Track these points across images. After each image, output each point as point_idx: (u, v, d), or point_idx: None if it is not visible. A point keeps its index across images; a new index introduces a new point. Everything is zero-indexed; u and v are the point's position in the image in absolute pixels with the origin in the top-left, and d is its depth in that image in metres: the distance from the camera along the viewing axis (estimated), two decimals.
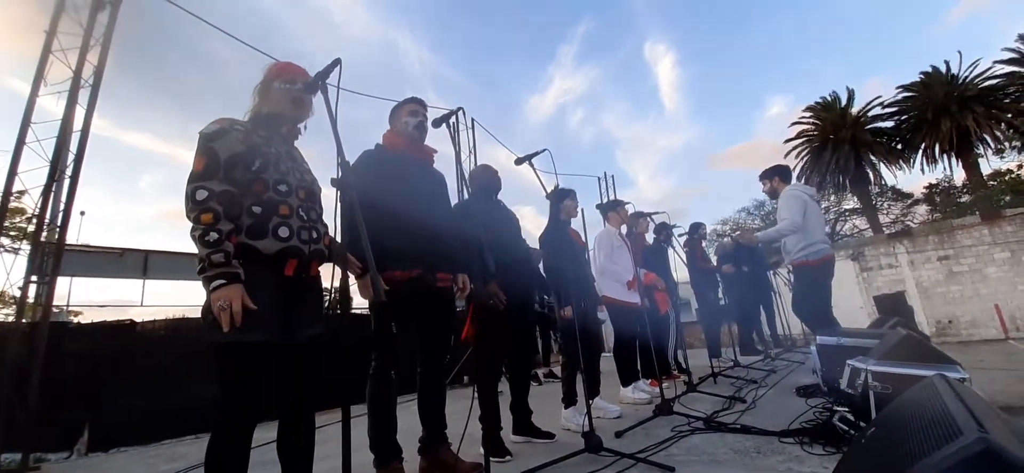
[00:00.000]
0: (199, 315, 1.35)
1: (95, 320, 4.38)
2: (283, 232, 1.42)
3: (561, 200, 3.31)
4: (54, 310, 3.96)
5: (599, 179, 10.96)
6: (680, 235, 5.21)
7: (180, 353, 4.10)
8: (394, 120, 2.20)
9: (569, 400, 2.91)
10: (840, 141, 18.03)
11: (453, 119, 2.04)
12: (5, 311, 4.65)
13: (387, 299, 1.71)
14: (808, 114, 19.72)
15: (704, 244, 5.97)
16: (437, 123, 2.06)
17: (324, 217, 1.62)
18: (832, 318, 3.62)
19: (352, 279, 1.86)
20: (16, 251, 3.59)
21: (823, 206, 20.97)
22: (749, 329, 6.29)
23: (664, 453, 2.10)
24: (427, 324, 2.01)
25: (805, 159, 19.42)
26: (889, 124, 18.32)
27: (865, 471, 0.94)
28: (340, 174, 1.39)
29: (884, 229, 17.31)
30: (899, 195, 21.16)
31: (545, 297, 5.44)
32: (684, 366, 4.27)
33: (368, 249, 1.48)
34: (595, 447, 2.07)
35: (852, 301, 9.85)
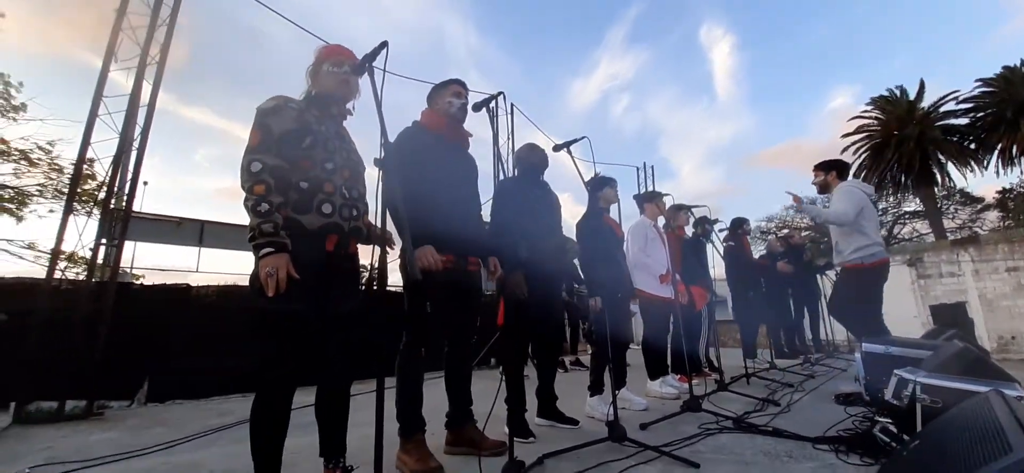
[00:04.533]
0: (247, 283, 1.44)
1: (155, 283, 4.72)
2: (326, 209, 1.50)
3: (600, 188, 3.27)
4: (120, 272, 4.32)
5: (638, 169, 10.70)
6: (721, 230, 5.00)
7: (230, 317, 4.37)
8: (436, 100, 2.21)
9: (595, 389, 2.91)
10: (905, 138, 16.69)
11: (493, 103, 2.05)
12: (76, 270, 5.08)
13: (421, 279, 1.77)
14: (871, 108, 18.35)
15: (748, 240, 5.73)
16: (477, 107, 2.07)
17: (366, 196, 1.69)
18: (882, 325, 3.41)
19: (390, 257, 1.92)
20: (88, 215, 3.90)
21: (881, 206, 19.58)
22: (791, 331, 6.03)
23: (689, 449, 2.07)
24: (456, 306, 2.05)
25: (864, 156, 18.11)
26: (963, 122, 16.79)
27: None
28: (383, 155, 1.44)
29: (948, 235, 16.01)
30: (968, 199, 19.47)
31: (576, 286, 5.42)
32: (716, 364, 4.16)
33: (406, 230, 1.53)
34: (619, 437, 2.07)
35: (905, 309, 9.23)
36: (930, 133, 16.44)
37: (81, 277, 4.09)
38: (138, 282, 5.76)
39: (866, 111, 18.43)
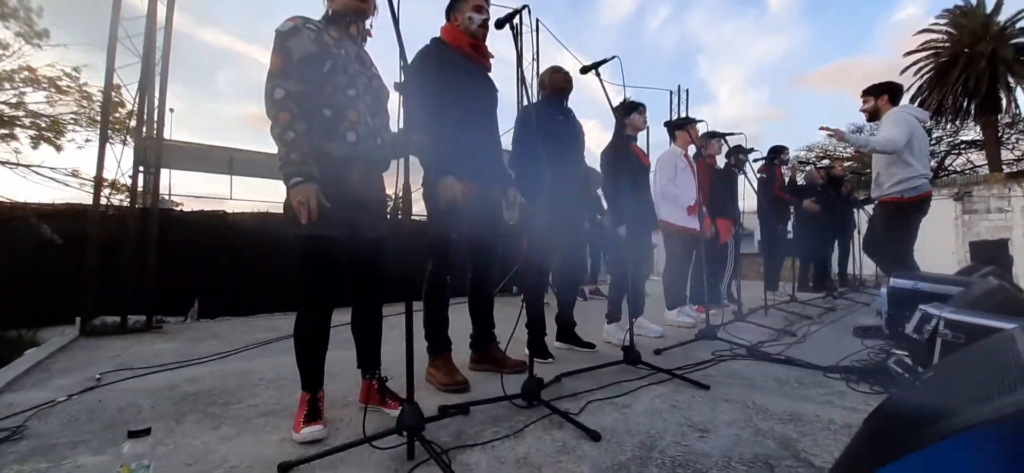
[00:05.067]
0: (281, 210, 1.50)
1: (194, 210, 4.96)
2: (351, 137, 1.50)
3: (627, 114, 3.15)
4: (161, 199, 4.54)
5: (671, 93, 10.03)
6: (755, 160, 4.77)
7: (266, 243, 4.60)
8: (454, 13, 2.10)
9: (613, 317, 3.00)
10: (976, 56, 14.96)
11: (516, 19, 1.93)
12: (119, 197, 5.36)
13: (444, 209, 1.79)
14: (941, 22, 16.37)
15: (783, 170, 5.49)
16: (499, 24, 1.96)
17: (390, 125, 1.68)
18: (911, 262, 3.31)
19: (414, 186, 1.95)
20: (123, 143, 4.03)
21: (935, 136, 18.11)
22: (819, 265, 5.93)
23: (701, 373, 2.15)
24: (479, 234, 2.10)
25: (928, 76, 16.43)
26: None
27: (910, 411, 0.92)
28: (403, 78, 1.40)
29: (1004, 168, 14.86)
30: None
31: (598, 216, 5.40)
32: (735, 297, 4.18)
33: (429, 156, 1.53)
34: (633, 360, 2.16)
35: (943, 245, 8.88)
36: (1002, 52, 14.71)
37: (125, 204, 4.32)
38: (178, 208, 6.07)
39: (935, 24, 16.48)
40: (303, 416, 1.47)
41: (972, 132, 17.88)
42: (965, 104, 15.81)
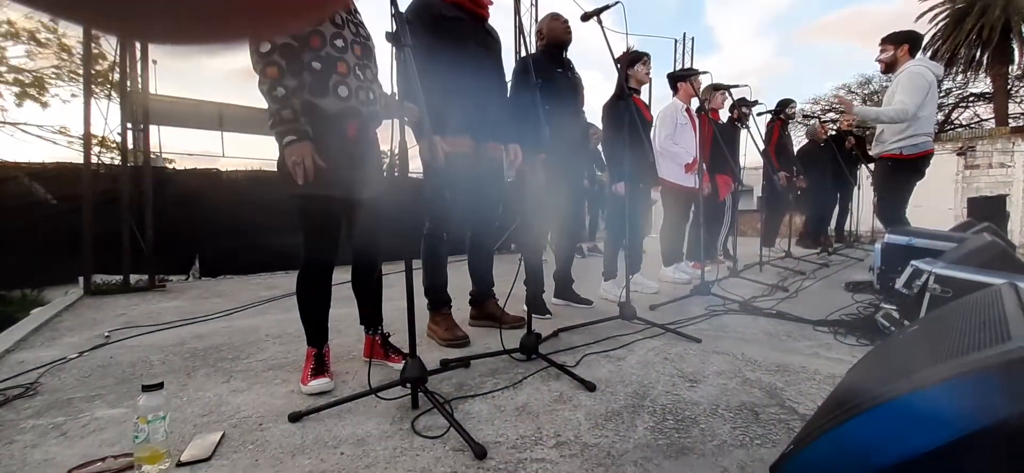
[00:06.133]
0: (275, 168, 1.48)
1: (186, 167, 4.90)
2: (342, 91, 1.46)
3: (630, 65, 3.06)
4: (152, 155, 4.47)
5: (676, 41, 9.66)
6: (759, 113, 4.67)
7: (262, 201, 4.58)
8: None
9: (609, 273, 3.05)
10: (991, 4, 14.40)
11: None
12: (110, 155, 5.28)
13: (438, 167, 1.77)
14: None
15: (789, 125, 5.40)
16: None
17: (379, 78, 1.63)
18: (903, 219, 3.33)
19: (410, 142, 1.92)
20: (108, 98, 3.92)
21: (945, 88, 17.68)
22: (816, 221, 5.96)
23: (694, 327, 2.22)
24: (476, 192, 2.09)
25: (942, 24, 15.83)
26: None
27: (894, 361, 0.96)
28: (395, 28, 1.35)
29: (1011, 121, 14.64)
30: None
31: (598, 173, 5.36)
32: (731, 253, 4.23)
33: (424, 112, 1.49)
34: (629, 315, 2.22)
35: (941, 202, 8.89)
36: (1018, 1, 14.15)
37: (117, 162, 4.26)
38: (171, 166, 5.99)
39: None
40: (310, 370, 1.52)
41: (982, 84, 17.47)
42: (978, 55, 15.34)
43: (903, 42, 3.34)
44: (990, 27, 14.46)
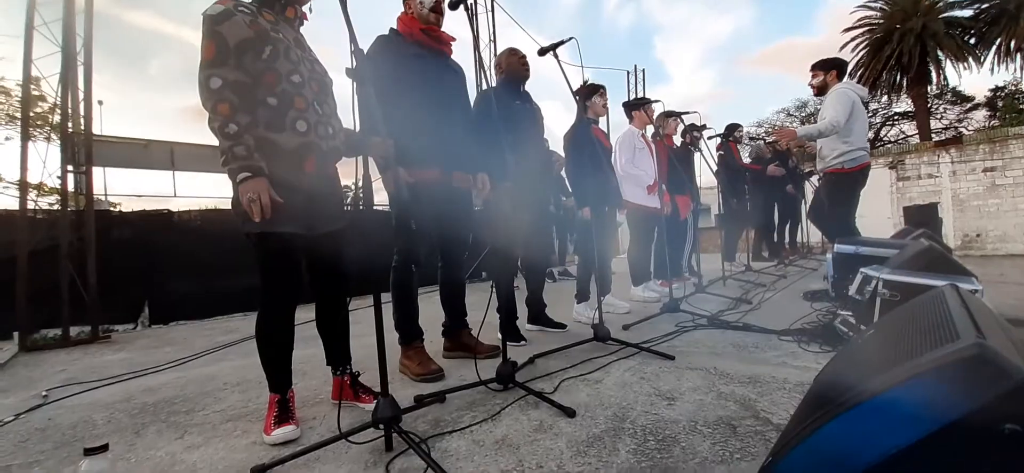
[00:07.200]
0: (230, 206, 1.42)
1: (135, 210, 4.63)
2: (301, 126, 1.43)
3: (589, 97, 3.18)
4: (95, 200, 4.20)
5: (628, 73, 10.26)
6: (710, 136, 4.96)
7: (217, 241, 4.37)
8: None
9: (582, 296, 3.07)
10: (907, 31, 16.01)
11: (471, 0, 1.89)
12: (48, 200, 4.92)
13: (404, 199, 1.75)
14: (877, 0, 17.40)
15: (738, 147, 5.74)
16: (454, 4, 1.92)
17: (338, 113, 1.61)
18: (853, 228, 3.57)
19: (374, 173, 1.89)
20: (48, 140, 3.70)
21: (871, 108, 19.40)
22: (770, 235, 6.28)
23: (667, 344, 2.25)
24: (445, 222, 2.08)
25: (863, 53, 17.49)
26: (966, 13, 16.09)
27: (856, 366, 1.00)
28: (355, 64, 1.34)
29: (933, 136, 16.14)
30: (959, 98, 19.33)
31: (563, 198, 5.46)
32: (696, 269, 4.37)
33: (388, 145, 1.48)
34: (603, 337, 2.23)
35: (881, 212, 9.58)
36: (932, 26, 15.82)
37: (55, 207, 3.97)
38: (116, 209, 5.64)
39: (870, 2, 17.49)
40: (273, 418, 1.43)
41: (904, 104, 19.27)
42: (898, 78, 16.95)
43: (831, 68, 3.70)
44: (908, 53, 16.06)
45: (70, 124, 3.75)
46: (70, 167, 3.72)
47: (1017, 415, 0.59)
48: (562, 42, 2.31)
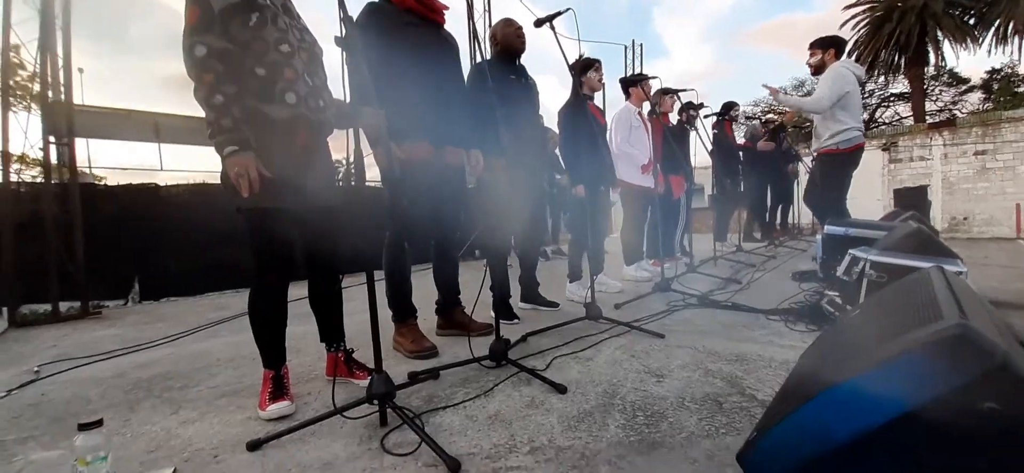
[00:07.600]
0: (219, 181, 1.39)
1: (121, 183, 4.53)
2: (290, 98, 1.39)
3: (584, 72, 3.13)
4: (79, 172, 4.11)
5: (626, 48, 10.12)
6: (706, 115, 4.92)
7: (206, 215, 4.29)
8: None
9: (574, 275, 3.09)
10: (908, 10, 15.84)
11: None
12: (30, 173, 4.80)
13: (396, 175, 1.73)
14: None
15: (733, 126, 5.72)
16: None
17: (328, 85, 1.57)
18: (845, 209, 3.61)
19: (366, 149, 1.86)
20: (28, 110, 3.57)
21: (868, 89, 19.35)
22: (762, 215, 6.33)
23: (657, 323, 2.28)
24: (438, 200, 2.06)
25: (863, 31, 17.31)
26: None
27: (841, 345, 1.02)
28: (344, 32, 1.30)
29: (928, 118, 16.18)
30: (955, 79, 19.31)
31: (558, 176, 5.44)
32: (687, 249, 4.41)
33: (381, 118, 1.45)
34: (595, 315, 2.26)
35: (871, 194, 9.66)
36: (933, 4, 15.68)
37: (39, 180, 3.88)
38: (101, 182, 5.52)
39: None
40: (268, 393, 1.43)
41: (901, 85, 19.23)
42: (896, 58, 16.85)
43: (829, 46, 3.65)
44: (907, 32, 15.93)
45: (50, 93, 3.63)
46: (52, 138, 3.62)
47: (997, 393, 0.61)
48: (558, 13, 2.25)
